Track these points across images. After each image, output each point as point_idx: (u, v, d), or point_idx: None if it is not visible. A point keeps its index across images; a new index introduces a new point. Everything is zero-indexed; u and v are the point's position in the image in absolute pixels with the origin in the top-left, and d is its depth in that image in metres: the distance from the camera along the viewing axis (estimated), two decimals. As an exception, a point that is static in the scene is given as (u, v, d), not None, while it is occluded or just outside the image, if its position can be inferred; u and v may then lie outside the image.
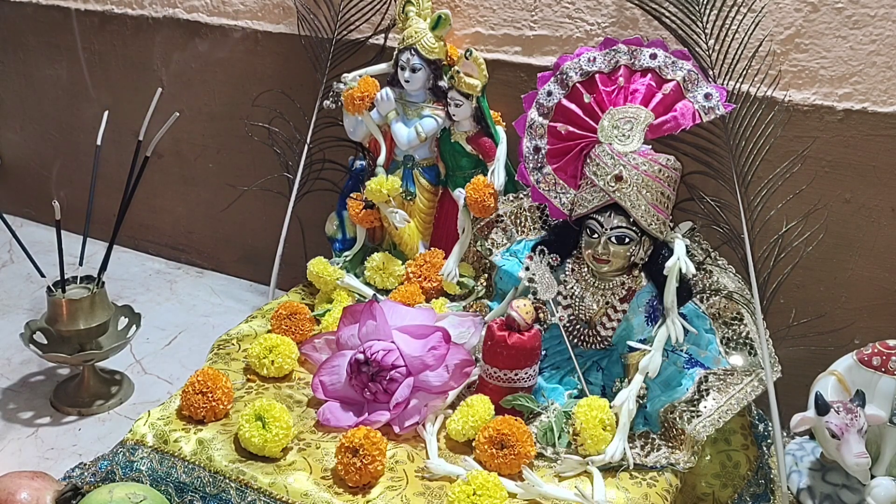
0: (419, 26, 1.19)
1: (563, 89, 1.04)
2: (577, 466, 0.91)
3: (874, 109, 1.04)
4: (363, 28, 1.34)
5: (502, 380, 0.98)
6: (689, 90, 0.99)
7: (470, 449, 0.94)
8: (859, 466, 0.91)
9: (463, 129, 1.21)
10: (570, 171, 1.04)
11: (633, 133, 0.97)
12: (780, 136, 1.04)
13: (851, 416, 0.92)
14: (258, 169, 1.48)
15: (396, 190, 1.22)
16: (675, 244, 0.96)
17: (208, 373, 0.98)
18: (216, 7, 1.48)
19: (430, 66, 1.20)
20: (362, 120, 1.26)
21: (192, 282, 1.66)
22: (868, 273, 1.10)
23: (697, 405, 0.93)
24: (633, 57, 1.01)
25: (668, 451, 0.92)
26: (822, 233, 1.05)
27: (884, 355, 0.97)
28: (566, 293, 1.02)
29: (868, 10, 1.02)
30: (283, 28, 1.43)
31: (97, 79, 1.67)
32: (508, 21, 1.24)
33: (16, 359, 1.34)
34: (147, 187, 1.25)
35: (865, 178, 1.07)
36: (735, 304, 1.02)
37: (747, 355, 1.00)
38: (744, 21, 1.02)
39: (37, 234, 1.66)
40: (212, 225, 1.67)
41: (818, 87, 1.07)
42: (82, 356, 1.20)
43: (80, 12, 1.63)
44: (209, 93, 1.55)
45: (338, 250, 1.33)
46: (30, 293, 1.55)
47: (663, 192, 0.96)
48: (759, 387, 0.96)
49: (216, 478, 0.90)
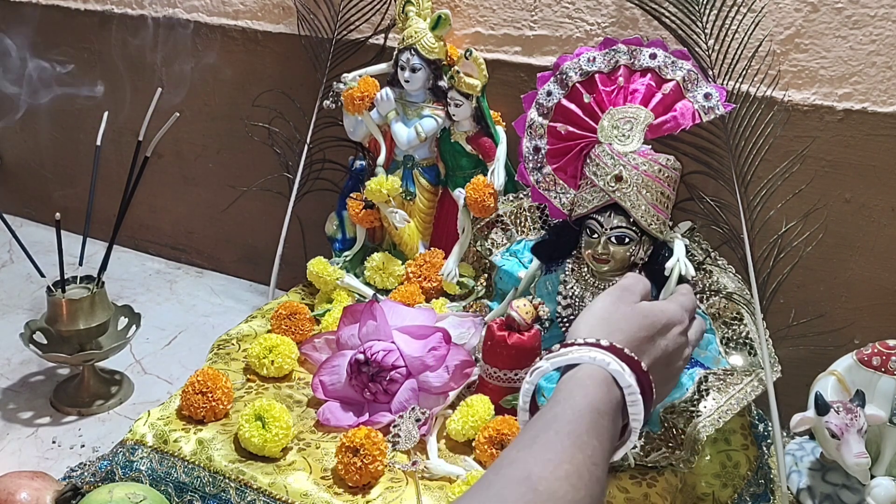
0: (419, 26, 1.19)
1: (562, 89, 1.04)
2: (577, 466, 0.91)
3: (874, 109, 1.04)
4: (363, 28, 1.34)
5: (502, 380, 0.98)
6: (689, 90, 0.99)
7: (470, 449, 0.94)
8: (859, 466, 0.91)
9: (463, 129, 1.21)
10: (570, 171, 1.04)
11: (632, 133, 0.97)
12: (780, 136, 1.04)
13: (851, 416, 0.92)
14: (258, 169, 1.48)
15: (396, 190, 1.22)
16: (675, 245, 0.96)
17: (208, 373, 0.98)
18: (216, 7, 1.48)
19: (430, 66, 1.21)
20: (362, 120, 1.26)
21: (192, 282, 1.66)
22: (868, 273, 1.10)
23: (697, 405, 0.93)
24: (632, 57, 1.01)
25: (667, 450, 0.92)
26: (822, 233, 1.05)
27: (884, 355, 0.97)
28: (566, 293, 1.02)
29: (868, 10, 1.02)
30: (283, 28, 1.43)
31: (97, 79, 1.66)
32: (508, 21, 1.24)
33: (15, 359, 1.34)
34: (147, 187, 1.25)
35: (865, 177, 1.07)
36: (735, 304, 1.02)
37: (747, 355, 1.00)
38: (744, 21, 1.02)
39: (36, 234, 1.66)
40: (212, 225, 1.67)
41: (818, 86, 1.07)
42: (82, 356, 1.20)
43: (79, 12, 1.63)
44: (209, 93, 1.55)
45: (338, 250, 1.33)
46: (30, 293, 1.55)
47: (663, 192, 0.96)
48: (759, 387, 0.96)
49: (216, 478, 0.90)
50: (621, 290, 0.70)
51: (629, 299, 0.69)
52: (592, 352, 0.60)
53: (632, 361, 0.61)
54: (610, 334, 0.63)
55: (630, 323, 0.65)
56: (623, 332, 0.64)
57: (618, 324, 0.65)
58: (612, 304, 0.67)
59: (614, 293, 0.69)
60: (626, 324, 0.65)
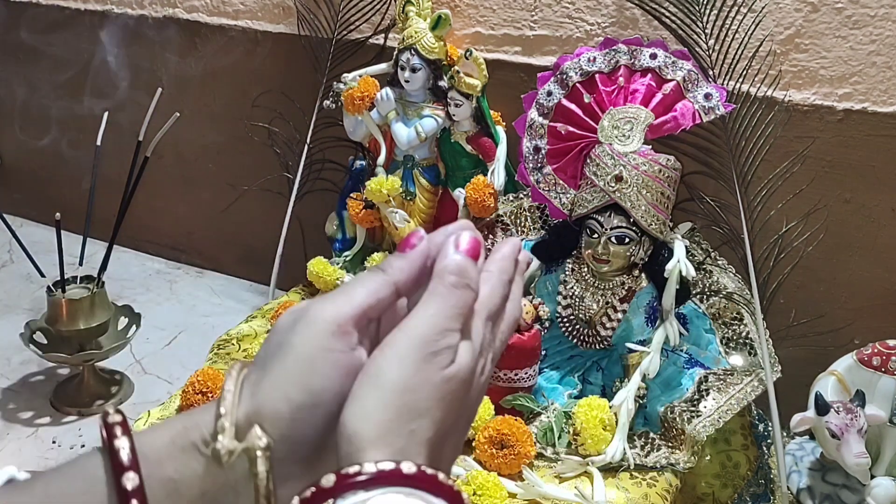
0: (419, 26, 1.19)
1: (563, 89, 1.04)
2: (578, 467, 0.91)
3: (874, 109, 1.04)
4: (363, 28, 1.34)
5: (502, 380, 0.98)
6: (689, 90, 0.99)
7: (470, 449, 0.94)
8: (859, 466, 0.91)
9: (463, 129, 1.20)
10: (570, 171, 1.04)
11: (633, 133, 0.97)
12: (780, 136, 1.04)
13: (851, 416, 0.92)
14: (258, 169, 1.48)
15: (396, 190, 1.22)
16: (675, 246, 0.96)
17: (208, 373, 0.98)
18: (216, 7, 1.48)
19: (430, 66, 1.20)
20: (362, 120, 1.26)
21: (192, 282, 1.66)
22: (868, 273, 1.10)
23: (697, 405, 0.93)
24: (633, 57, 1.01)
25: (668, 451, 0.92)
26: (823, 233, 1.05)
27: (884, 355, 0.97)
28: (566, 293, 1.02)
29: (868, 11, 1.02)
30: (283, 28, 1.43)
31: (97, 78, 1.66)
32: (508, 21, 1.24)
33: (15, 359, 1.34)
34: (147, 187, 1.25)
35: (865, 178, 1.07)
36: (735, 305, 1.02)
37: (747, 355, 1.00)
38: (744, 21, 1.02)
39: (36, 234, 1.66)
40: (212, 225, 1.67)
41: (818, 87, 1.07)
42: (82, 356, 1.19)
43: (79, 12, 1.63)
44: (209, 93, 1.55)
45: (338, 250, 1.32)
46: (30, 293, 1.55)
47: (663, 192, 0.96)
48: (759, 387, 0.96)
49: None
50: (423, 345, 0.37)
51: (437, 363, 0.37)
52: (389, 496, 0.34)
53: (444, 489, 0.35)
54: (408, 438, 0.36)
55: (438, 403, 0.37)
56: (429, 422, 0.36)
57: (419, 414, 0.36)
58: (413, 374, 0.37)
59: (417, 354, 0.37)
60: (433, 410, 0.37)
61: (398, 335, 0.37)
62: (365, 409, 0.36)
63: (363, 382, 0.36)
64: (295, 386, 0.37)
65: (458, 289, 0.39)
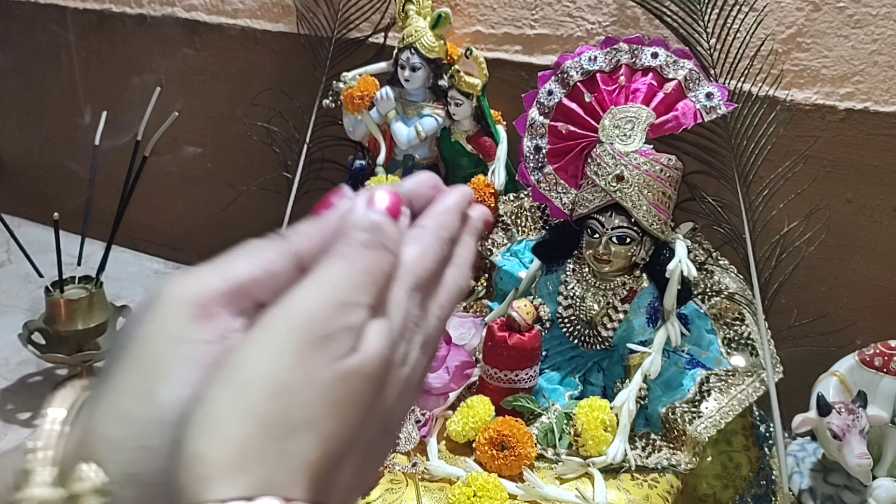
0: (419, 25, 1.19)
1: (563, 88, 1.03)
2: (578, 468, 0.90)
3: (876, 109, 1.04)
4: (363, 27, 1.33)
5: (503, 380, 0.97)
6: (691, 89, 0.98)
7: (470, 450, 0.93)
8: (861, 467, 0.91)
9: (463, 129, 1.20)
10: (571, 170, 1.03)
11: (634, 133, 0.97)
12: (782, 136, 1.04)
13: (853, 417, 0.92)
14: (257, 168, 1.48)
15: (396, 189, 1.22)
16: (677, 246, 0.95)
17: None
18: (215, 6, 1.48)
19: (430, 65, 1.20)
20: (362, 119, 1.25)
21: (191, 281, 1.66)
22: (870, 273, 1.10)
23: (699, 406, 0.93)
24: (634, 56, 1.01)
25: (669, 452, 0.92)
26: (824, 233, 1.04)
27: (885, 356, 0.97)
28: (567, 293, 1.02)
29: (870, 10, 1.01)
30: (283, 27, 1.42)
31: (96, 78, 1.66)
32: (509, 20, 1.23)
33: (14, 359, 1.33)
34: (145, 187, 1.25)
35: (867, 177, 1.06)
36: (736, 305, 1.01)
37: (749, 356, 1.00)
38: (745, 20, 1.02)
39: (35, 233, 1.65)
40: (211, 225, 1.66)
41: (820, 86, 1.06)
42: (81, 357, 1.19)
43: (78, 11, 1.62)
44: (208, 92, 1.55)
45: (337, 250, 1.32)
46: (28, 293, 1.55)
47: (665, 191, 0.96)
48: (761, 387, 0.96)
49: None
50: (309, 326, 0.26)
51: (329, 352, 0.26)
52: None
53: None
54: (278, 462, 0.24)
55: (329, 409, 0.26)
56: (313, 437, 0.25)
57: (297, 427, 0.25)
58: (290, 368, 0.25)
59: (298, 340, 0.26)
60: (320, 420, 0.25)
61: (275, 312, 0.26)
62: (215, 419, 0.24)
63: (216, 381, 0.25)
64: (135, 398, 0.26)
65: (369, 249, 0.28)
